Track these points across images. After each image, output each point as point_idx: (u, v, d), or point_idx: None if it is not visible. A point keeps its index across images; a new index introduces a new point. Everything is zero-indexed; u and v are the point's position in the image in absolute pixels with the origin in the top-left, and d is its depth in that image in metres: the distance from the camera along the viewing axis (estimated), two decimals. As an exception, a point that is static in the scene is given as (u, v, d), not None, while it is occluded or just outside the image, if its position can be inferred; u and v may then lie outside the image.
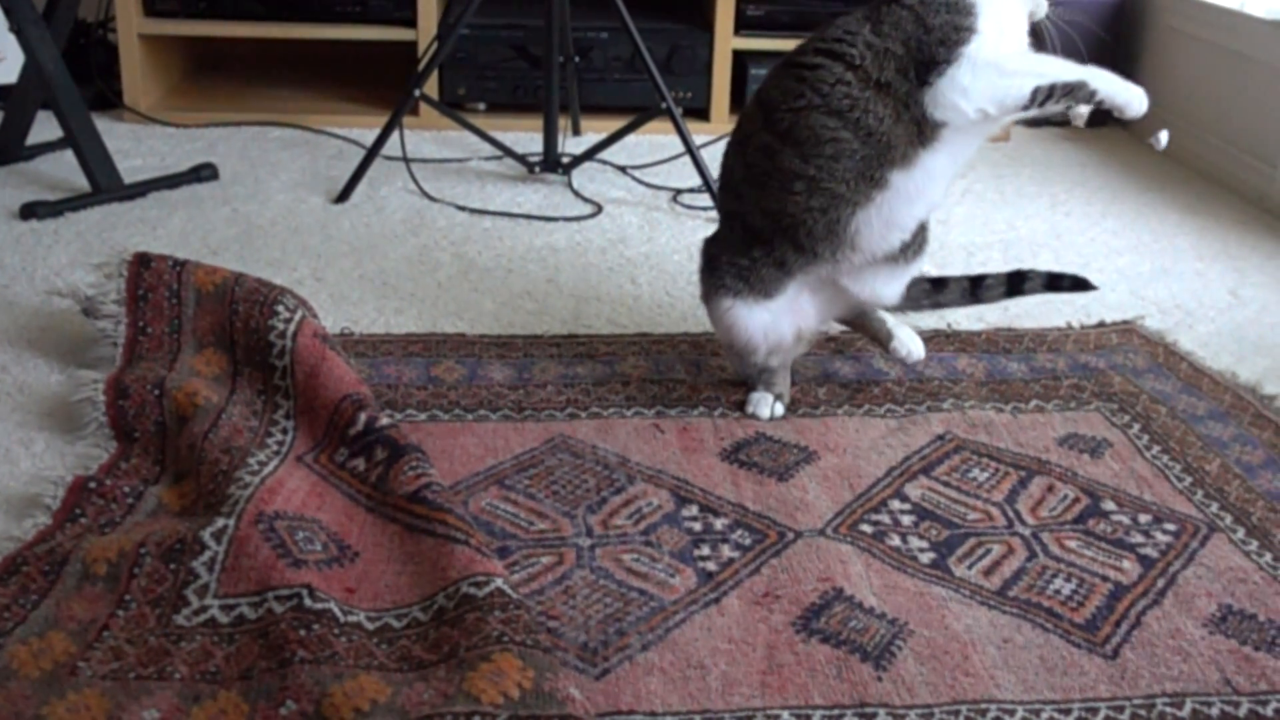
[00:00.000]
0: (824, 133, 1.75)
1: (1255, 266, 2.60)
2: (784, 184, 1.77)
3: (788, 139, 1.77)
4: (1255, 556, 1.57)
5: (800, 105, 1.77)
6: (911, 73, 1.74)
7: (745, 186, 1.83)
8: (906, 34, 1.74)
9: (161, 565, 1.38)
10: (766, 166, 1.79)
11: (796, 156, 1.76)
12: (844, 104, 1.74)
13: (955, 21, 1.72)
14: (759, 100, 1.84)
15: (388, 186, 2.84)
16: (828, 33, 1.82)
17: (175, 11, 3.28)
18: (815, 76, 1.77)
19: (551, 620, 1.39)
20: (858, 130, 1.74)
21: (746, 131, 1.84)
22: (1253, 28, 3.02)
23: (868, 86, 1.74)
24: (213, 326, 1.85)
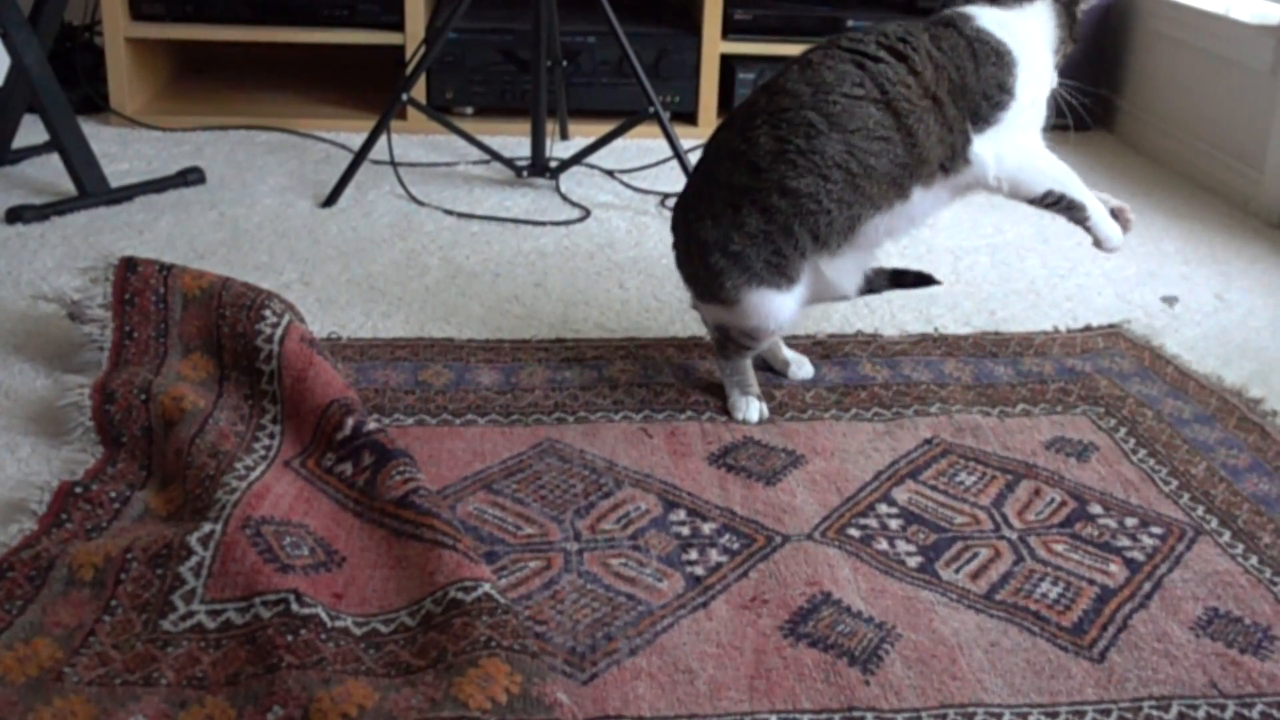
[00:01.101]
0: (877, 129, 1.77)
1: (1241, 270, 2.60)
2: (819, 168, 1.78)
3: (836, 124, 1.77)
4: (1241, 560, 1.57)
5: (859, 94, 1.78)
6: (961, 102, 1.80)
7: (770, 161, 1.79)
8: (960, 63, 1.81)
9: (148, 570, 1.38)
10: (804, 145, 1.78)
11: (842, 144, 1.77)
12: (903, 106, 1.78)
13: (1000, 78, 1.82)
14: (805, 78, 1.81)
15: (375, 190, 2.83)
16: (889, 30, 1.85)
17: (161, 15, 3.27)
18: (878, 70, 1.79)
19: (539, 625, 1.39)
20: (907, 136, 1.78)
21: (784, 105, 1.80)
22: (1238, 32, 3.03)
23: (925, 96, 1.79)
24: (199, 331, 1.85)
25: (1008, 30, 1.85)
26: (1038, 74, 1.86)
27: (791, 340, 2.12)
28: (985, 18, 1.85)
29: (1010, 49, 1.83)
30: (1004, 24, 1.85)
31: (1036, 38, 1.88)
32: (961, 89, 1.81)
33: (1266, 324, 2.33)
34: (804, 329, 2.18)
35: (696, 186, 1.90)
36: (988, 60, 1.82)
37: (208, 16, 3.29)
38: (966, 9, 1.88)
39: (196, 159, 2.99)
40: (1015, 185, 1.86)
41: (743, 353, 1.91)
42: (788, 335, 2.14)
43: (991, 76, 1.82)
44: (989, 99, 1.82)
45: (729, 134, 1.85)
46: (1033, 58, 1.85)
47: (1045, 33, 1.89)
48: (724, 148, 1.85)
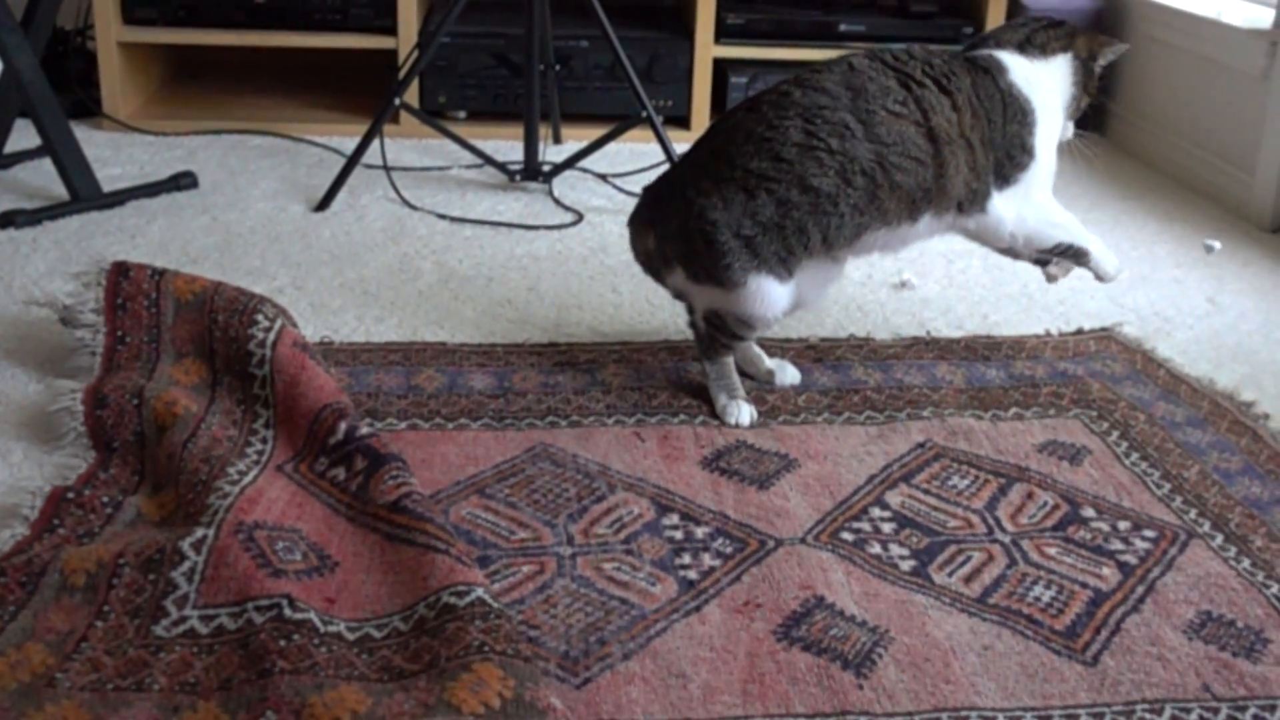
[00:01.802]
0: (912, 148, 1.82)
1: (1233, 274, 2.61)
2: (844, 173, 1.80)
3: (872, 134, 1.81)
4: (1233, 563, 1.58)
5: (900, 111, 1.82)
6: (989, 153, 1.87)
7: (797, 153, 1.80)
8: (993, 115, 1.88)
9: (140, 576, 1.38)
10: (835, 146, 1.80)
11: (873, 155, 1.80)
12: (943, 135, 1.83)
13: (1023, 137, 1.89)
14: (847, 82, 1.84)
15: (368, 195, 2.83)
16: (935, 59, 1.89)
17: (154, 19, 3.27)
18: (922, 94, 1.84)
19: (532, 629, 1.39)
20: (939, 165, 1.84)
21: (821, 103, 1.82)
22: (1230, 36, 3.04)
23: (961, 135, 1.84)
24: (192, 335, 1.85)
25: (1033, 86, 1.92)
26: (1054, 131, 1.94)
27: (783, 344, 2.13)
28: (1016, 71, 1.92)
29: (1034, 107, 1.91)
30: (1030, 80, 1.92)
31: (1055, 94, 1.95)
32: (990, 141, 1.88)
33: (1258, 328, 2.34)
34: (796, 333, 2.18)
35: (700, 163, 1.87)
36: (1014, 118, 1.89)
37: (200, 21, 3.28)
38: (1001, 56, 1.94)
39: (189, 163, 2.98)
40: (1031, 241, 1.96)
41: (733, 345, 1.91)
42: (779, 338, 2.14)
43: (1015, 135, 1.89)
44: (1011, 158, 1.90)
45: (752, 118, 1.84)
46: (1051, 115, 1.93)
47: (1063, 89, 1.96)
48: (743, 130, 1.84)
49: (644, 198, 1.98)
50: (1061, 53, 1.96)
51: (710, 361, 1.92)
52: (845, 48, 3.39)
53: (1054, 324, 2.28)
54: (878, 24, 3.44)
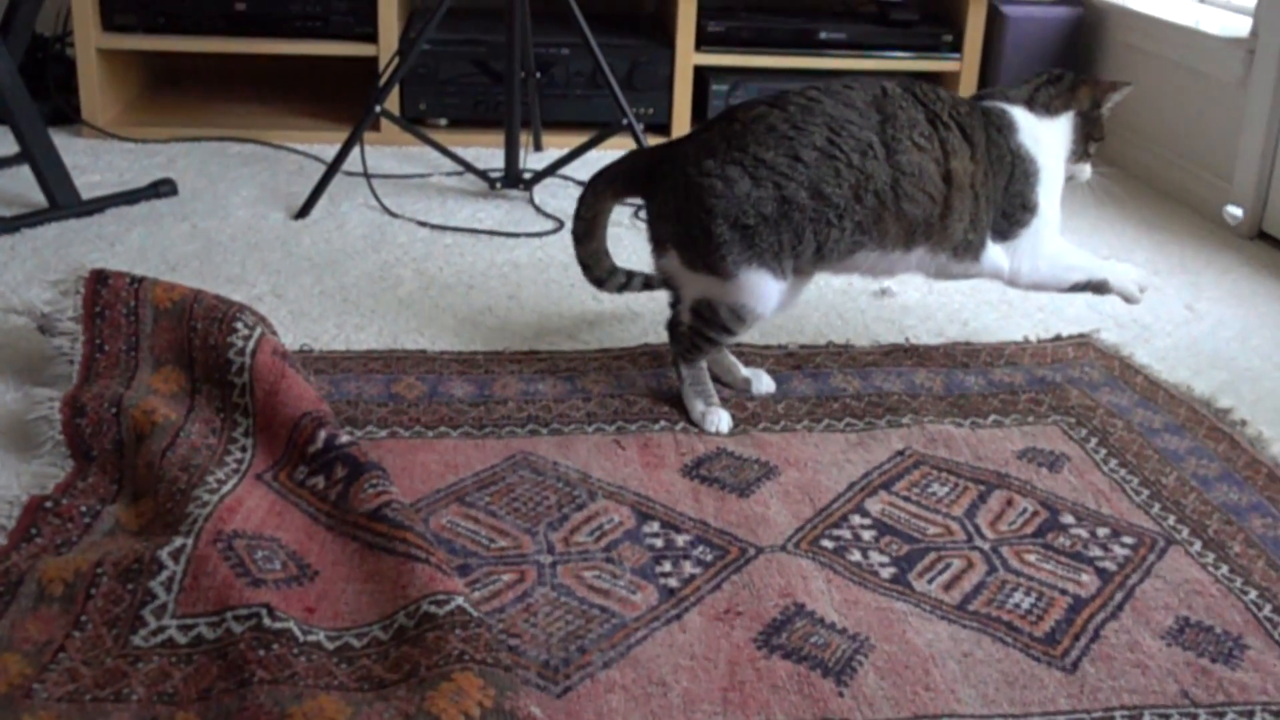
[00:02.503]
0: (928, 184, 1.85)
1: (1211, 281, 2.62)
2: (858, 188, 1.83)
3: (893, 159, 1.84)
4: (1212, 569, 1.58)
5: (924, 146, 1.86)
6: (989, 209, 1.92)
7: (816, 157, 1.81)
8: (999, 176, 1.93)
9: (118, 585, 1.37)
10: (855, 161, 1.82)
11: (890, 179, 1.84)
12: (957, 179, 1.87)
13: (1025, 195, 1.95)
14: (878, 105, 1.86)
15: (348, 202, 2.83)
16: (960, 105, 1.92)
17: (134, 26, 3.26)
18: (947, 136, 1.87)
19: (513, 638, 1.39)
20: (945, 206, 1.87)
21: (849, 118, 1.84)
22: (1207, 44, 3.05)
23: (971, 185, 1.88)
24: (171, 344, 1.84)
25: (1039, 146, 1.97)
26: (1056, 186, 1.99)
27: (762, 351, 2.13)
28: (1025, 130, 1.97)
29: (1040, 167, 1.97)
30: (1037, 139, 1.97)
31: (1059, 151, 2.01)
32: (993, 199, 1.93)
33: (1236, 334, 2.35)
34: (775, 339, 2.18)
35: (709, 144, 1.85)
36: (1019, 178, 1.94)
37: (180, 27, 3.27)
38: (1013, 114, 1.98)
39: (169, 171, 2.97)
40: (1044, 287, 2.03)
41: (717, 342, 1.90)
42: (759, 345, 2.14)
43: (1019, 193, 1.95)
44: (1011, 215, 1.95)
45: (777, 114, 1.84)
46: (1054, 172, 1.99)
47: (1066, 144, 2.02)
48: (766, 122, 1.84)
49: (628, 165, 1.96)
50: (1064, 110, 2.01)
51: (687, 365, 1.92)
52: (826, 56, 3.42)
53: (1033, 331, 2.29)
54: (858, 32, 3.45)
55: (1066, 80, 2.03)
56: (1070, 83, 2.03)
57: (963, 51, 3.47)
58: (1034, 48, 3.54)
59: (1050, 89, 2.02)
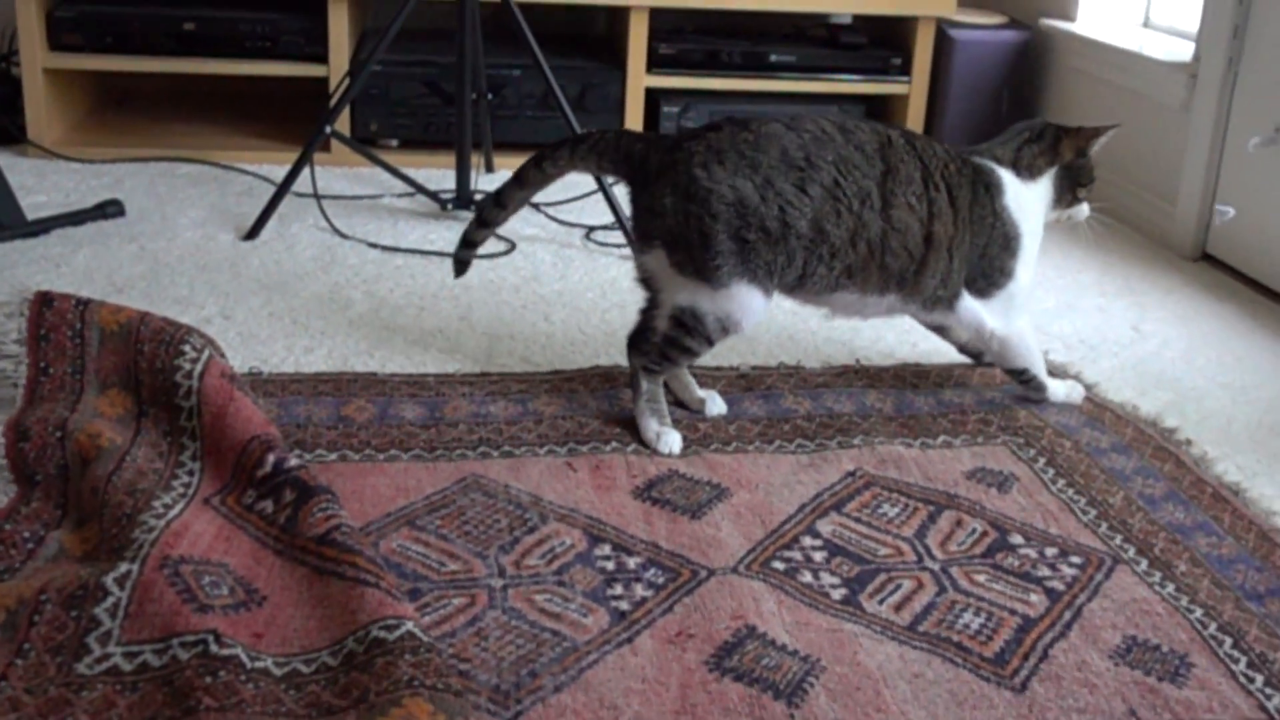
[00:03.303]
0: (910, 242, 1.90)
1: (1156, 302, 2.65)
2: (852, 232, 1.87)
3: (887, 212, 1.88)
4: (1158, 588, 1.60)
5: (915, 207, 1.90)
6: (962, 268, 1.96)
7: (822, 194, 1.84)
8: (977, 237, 1.97)
9: (62, 612, 1.35)
10: (855, 207, 1.86)
11: (880, 230, 1.88)
12: (936, 240, 1.91)
13: (1004, 261, 2.00)
14: (883, 156, 1.89)
15: (298, 223, 2.81)
16: (952, 165, 1.96)
17: (80, 46, 3.23)
18: (936, 199, 1.92)
19: (463, 663, 1.38)
20: (920, 265, 1.92)
21: (855, 162, 1.87)
22: (1151, 69, 3.10)
23: (948, 247, 1.93)
24: (117, 367, 1.82)
25: (1023, 211, 2.01)
26: (1034, 252, 2.03)
27: (714, 372, 2.13)
28: (1010, 193, 2.00)
29: (1021, 233, 2.00)
30: (1020, 204, 2.01)
31: (1040, 214, 2.05)
32: (969, 258, 1.97)
33: (1181, 355, 2.38)
34: (727, 361, 2.19)
35: (717, 148, 1.84)
36: (999, 241, 1.99)
37: (128, 47, 3.25)
38: (1001, 175, 2.02)
39: (116, 191, 2.95)
40: (1000, 357, 2.07)
41: (691, 355, 1.90)
42: (710, 366, 2.15)
43: (998, 258, 1.99)
44: (989, 277, 1.99)
45: (791, 139, 1.86)
46: (1034, 237, 2.03)
47: (1047, 204, 2.06)
48: (779, 145, 1.85)
49: (622, 144, 1.91)
50: (1047, 169, 2.05)
51: (650, 378, 1.91)
52: (776, 78, 3.44)
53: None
54: (808, 55, 3.47)
55: (1048, 135, 2.05)
56: (1052, 138, 2.05)
57: (911, 74, 3.50)
58: (981, 71, 3.58)
59: (1033, 148, 2.04)
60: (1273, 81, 2.70)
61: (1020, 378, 2.08)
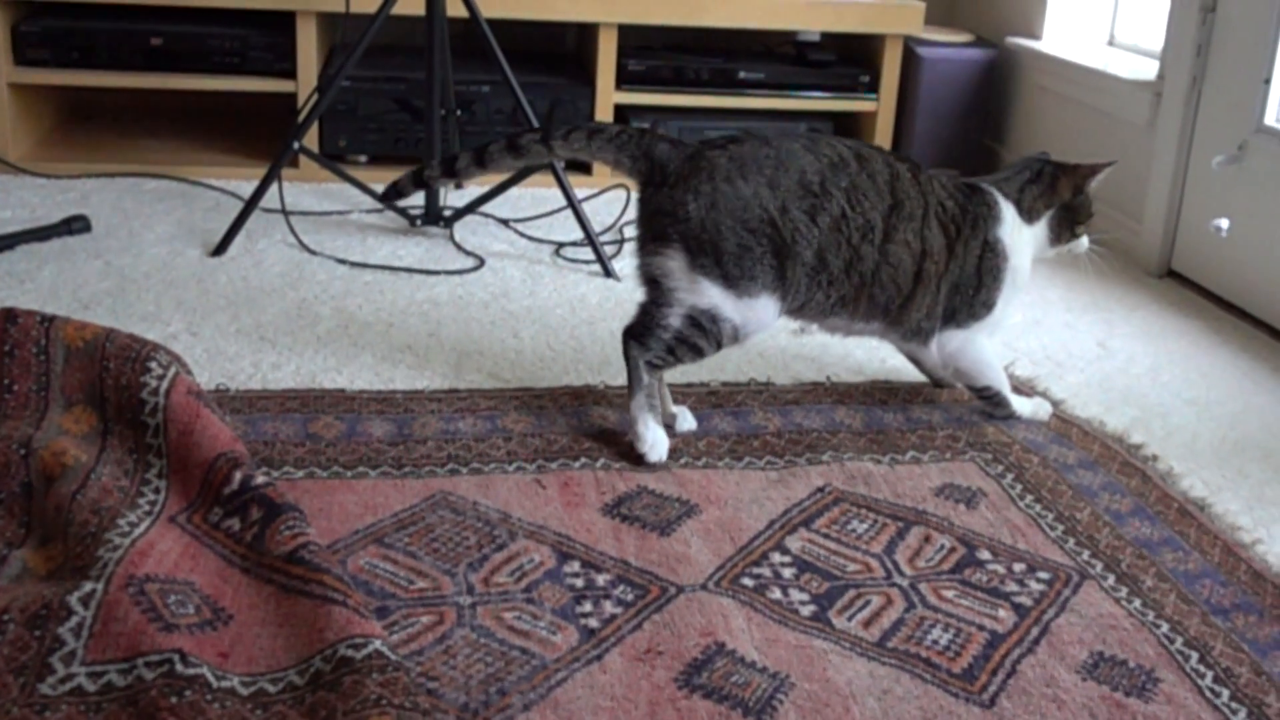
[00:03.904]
0: (900, 277, 1.95)
1: (1122, 318, 2.67)
2: (849, 266, 1.90)
3: (885, 247, 1.91)
4: (1125, 603, 1.61)
5: (912, 243, 1.94)
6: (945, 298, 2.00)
7: (828, 223, 1.87)
8: (966, 267, 2.00)
9: (26, 632, 1.34)
10: (855, 240, 1.89)
11: (874, 264, 1.92)
12: (924, 278, 1.96)
13: (988, 297, 2.03)
14: (892, 189, 1.92)
15: (266, 239, 2.80)
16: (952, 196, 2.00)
17: (47, 60, 3.21)
18: (930, 236, 1.95)
19: (431, 681, 1.38)
20: (905, 298, 1.96)
21: (865, 192, 1.90)
22: (1117, 88, 3.12)
23: (937, 281, 1.98)
24: (82, 384, 1.81)
25: (1015, 246, 2.05)
26: (1016, 289, 2.06)
27: (684, 389, 2.13)
28: (1006, 226, 2.05)
29: (1008, 270, 2.04)
30: (1014, 242, 2.05)
31: (1028, 254, 2.08)
32: (956, 288, 2.00)
33: (1147, 371, 2.40)
34: (697, 377, 2.19)
35: (741, 162, 1.85)
36: (989, 272, 2.02)
37: (95, 62, 3.23)
38: (1003, 208, 2.05)
39: (82, 207, 2.93)
40: (962, 375, 2.09)
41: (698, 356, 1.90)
42: (680, 384, 2.15)
43: (984, 290, 2.02)
44: (970, 309, 2.02)
45: (809, 162, 1.88)
46: (1020, 276, 2.06)
47: (1042, 243, 2.10)
48: (797, 169, 1.87)
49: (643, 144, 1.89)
50: (1046, 211, 2.09)
51: (652, 372, 1.88)
52: (745, 95, 3.45)
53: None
54: (776, 72, 3.49)
55: (1047, 175, 2.08)
56: (1050, 178, 2.08)
57: (879, 92, 3.52)
58: (949, 89, 3.60)
59: (1033, 189, 2.07)
60: (1236, 100, 2.73)
61: (983, 394, 2.10)
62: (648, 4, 3.32)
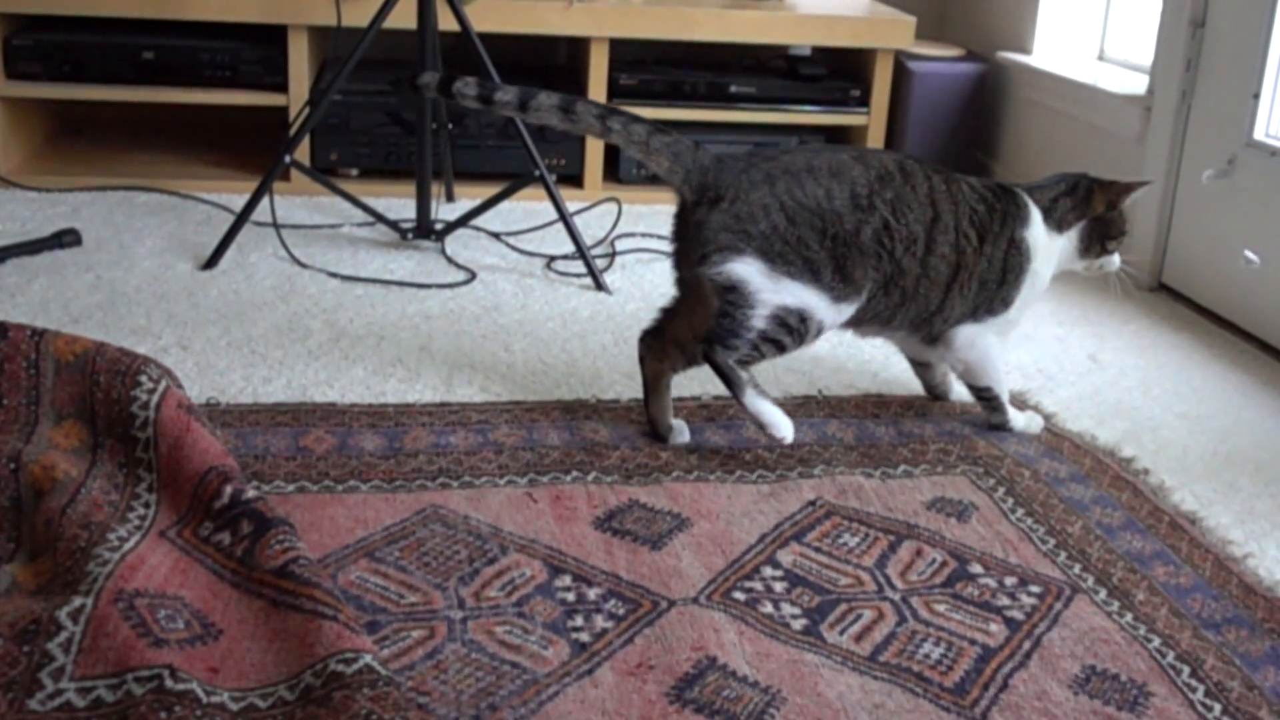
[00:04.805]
0: (935, 289, 1.96)
1: (1113, 332, 2.68)
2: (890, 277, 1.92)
3: (925, 259, 1.93)
4: (1117, 617, 1.61)
5: (949, 256, 1.95)
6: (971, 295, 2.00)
7: (874, 238, 1.89)
8: (992, 268, 2.01)
9: (14, 647, 1.33)
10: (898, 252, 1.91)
11: (915, 278, 1.94)
12: (956, 286, 1.98)
13: (1007, 294, 2.04)
14: (932, 198, 1.94)
15: (257, 253, 2.80)
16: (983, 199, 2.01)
17: (38, 74, 3.21)
18: (965, 247, 1.97)
19: (422, 696, 1.37)
20: (936, 306, 1.98)
21: (909, 203, 1.92)
22: (1106, 102, 3.13)
23: (963, 289, 1.99)
24: (73, 397, 1.80)
25: (1039, 248, 2.05)
26: (1033, 294, 2.07)
27: (677, 402, 2.13)
28: (1033, 227, 2.05)
29: (1029, 271, 2.04)
30: (1037, 245, 2.06)
31: (1051, 265, 2.09)
32: (983, 284, 2.01)
33: (1137, 384, 2.40)
34: (689, 391, 2.19)
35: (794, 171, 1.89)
36: (1012, 270, 2.02)
37: (86, 76, 3.23)
38: (1032, 210, 2.06)
39: (73, 220, 2.93)
40: (969, 371, 2.08)
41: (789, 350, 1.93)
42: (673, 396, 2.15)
43: (1004, 288, 2.03)
44: (989, 304, 2.03)
45: (858, 171, 1.91)
46: (1039, 282, 2.07)
47: (1069, 254, 2.11)
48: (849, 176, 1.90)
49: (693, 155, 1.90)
50: (1076, 223, 2.09)
51: (745, 367, 1.91)
52: (736, 109, 3.46)
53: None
54: (768, 86, 3.50)
55: (1082, 189, 2.09)
56: (1085, 192, 2.09)
57: (870, 106, 3.52)
58: (939, 103, 3.61)
59: (1067, 201, 2.09)
60: (1225, 114, 2.74)
61: (983, 394, 2.10)
62: (639, 18, 3.33)
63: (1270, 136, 2.65)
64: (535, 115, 1.94)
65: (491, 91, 1.95)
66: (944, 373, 2.21)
